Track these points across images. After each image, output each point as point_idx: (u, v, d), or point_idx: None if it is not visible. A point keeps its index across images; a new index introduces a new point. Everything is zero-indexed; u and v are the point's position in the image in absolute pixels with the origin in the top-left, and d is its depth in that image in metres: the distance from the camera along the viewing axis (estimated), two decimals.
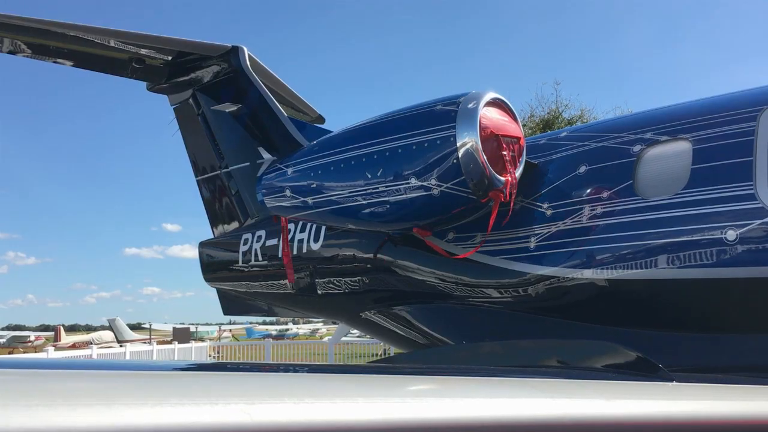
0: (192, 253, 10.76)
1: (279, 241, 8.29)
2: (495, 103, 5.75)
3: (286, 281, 8.12)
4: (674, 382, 3.61)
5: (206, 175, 10.33)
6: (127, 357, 22.49)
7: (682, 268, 4.79)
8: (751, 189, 4.55)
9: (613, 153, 5.50)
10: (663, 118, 5.52)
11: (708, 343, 4.90)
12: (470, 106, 5.51)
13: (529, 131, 23.19)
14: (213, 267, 9.77)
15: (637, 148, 5.35)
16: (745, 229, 4.51)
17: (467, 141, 5.38)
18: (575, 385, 3.45)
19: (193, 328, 65.84)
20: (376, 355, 24.67)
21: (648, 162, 5.28)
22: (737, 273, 4.60)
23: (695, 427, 2.67)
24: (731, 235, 4.55)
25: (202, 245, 9.99)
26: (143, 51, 8.61)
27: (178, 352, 25.56)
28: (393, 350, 12.74)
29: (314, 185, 6.37)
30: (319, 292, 7.84)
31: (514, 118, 5.93)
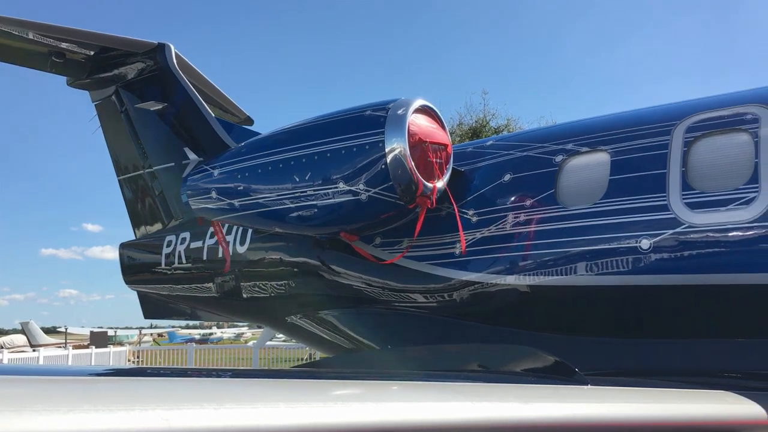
0: (113, 254, 10.41)
1: (204, 243, 8.14)
2: (423, 110, 5.82)
3: (211, 284, 7.98)
4: (589, 386, 3.74)
5: (129, 175, 10.03)
6: (41, 362, 21.53)
7: (600, 275, 4.96)
8: (665, 200, 4.76)
9: (536, 162, 5.66)
10: (584, 129, 5.72)
11: (623, 348, 5.09)
12: (399, 112, 5.56)
13: (458, 139, 23.58)
14: (134, 269, 9.49)
15: (559, 158, 5.52)
16: (658, 238, 4.71)
17: (395, 147, 5.43)
18: (495, 389, 3.52)
19: (111, 332, 63.70)
20: (302, 359, 24.49)
21: (569, 172, 5.45)
22: (651, 280, 4.80)
23: (608, 428, 2.77)
24: (645, 243, 4.75)
25: (123, 246, 9.69)
26: (64, 45, 8.31)
27: (96, 357, 24.62)
28: (319, 355, 12.69)
29: (241, 188, 6.29)
30: (245, 295, 7.72)
31: (442, 126, 6.02)
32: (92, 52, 8.64)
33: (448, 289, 5.78)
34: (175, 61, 8.65)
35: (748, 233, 4.45)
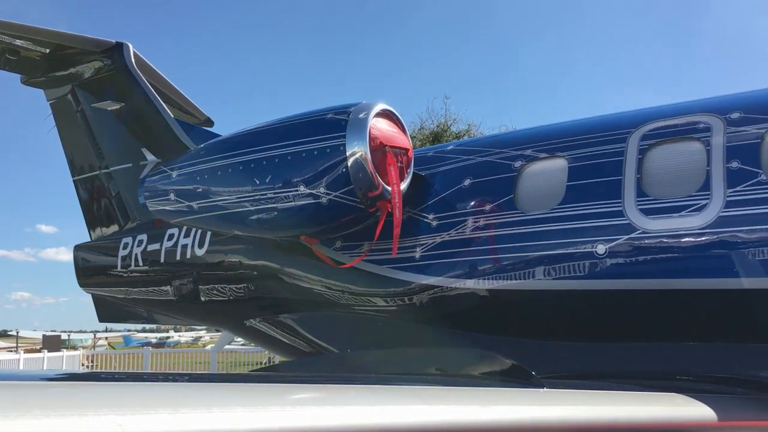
0: (68, 256, 10.19)
1: (161, 245, 8.03)
2: (385, 114, 5.84)
3: (168, 287, 7.88)
4: (545, 389, 3.79)
5: (84, 175, 9.84)
6: None
7: (557, 280, 5.04)
8: (620, 206, 4.86)
9: (495, 168, 5.72)
10: (543, 136, 5.81)
11: (579, 351, 5.18)
12: (360, 116, 5.57)
13: (419, 143, 23.69)
14: (89, 271, 9.30)
15: (518, 163, 5.59)
16: (613, 243, 4.81)
17: (356, 150, 5.44)
18: (453, 392, 3.55)
19: (65, 336, 62.32)
20: (261, 363, 24.30)
21: (528, 177, 5.53)
22: (606, 285, 4.90)
23: (563, 430, 2.82)
24: (601, 249, 4.84)
25: (78, 249, 9.49)
26: (18, 42, 8.12)
27: (48, 361, 24.02)
28: (278, 358, 12.59)
29: (200, 190, 6.22)
30: (203, 299, 7.64)
31: (403, 130, 6.05)
32: (48, 50, 8.46)
33: (407, 293, 5.81)
34: (133, 60, 8.52)
35: (699, 239, 4.57)
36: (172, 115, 8.34)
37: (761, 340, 4.58)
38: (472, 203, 5.66)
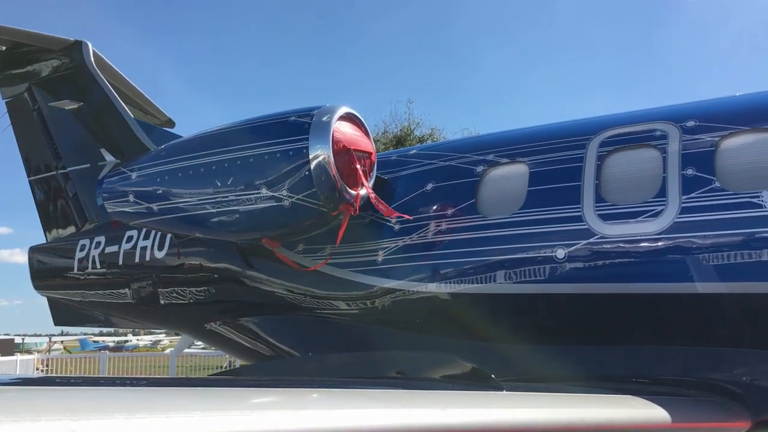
0: (23, 258, 9.94)
1: (120, 247, 7.89)
2: (348, 117, 5.84)
3: (126, 290, 7.75)
4: (504, 391, 3.83)
5: (40, 176, 9.62)
6: None
7: (517, 284, 5.10)
8: (579, 211, 4.95)
9: (458, 172, 5.77)
10: (505, 141, 5.88)
11: (539, 354, 5.24)
12: (324, 119, 5.56)
13: (382, 147, 23.71)
14: (44, 274, 9.09)
15: (480, 168, 5.65)
16: (572, 248, 4.89)
17: (319, 154, 5.43)
18: (413, 396, 3.57)
19: (19, 340, 60.73)
20: (221, 367, 24.02)
21: (489, 182, 5.59)
22: (565, 289, 4.97)
23: None
24: (561, 253, 4.91)
25: (33, 250, 9.27)
26: None
27: (1, 365, 23.41)
28: (239, 362, 12.48)
29: (160, 191, 6.14)
30: (162, 302, 7.53)
31: (367, 134, 6.06)
32: (4, 48, 8.26)
33: (370, 297, 5.81)
34: (92, 59, 8.37)
35: (655, 244, 4.67)
36: (133, 116, 8.21)
37: (714, 343, 4.69)
38: (435, 207, 5.69)
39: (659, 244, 4.66)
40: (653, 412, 3.83)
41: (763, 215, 4.37)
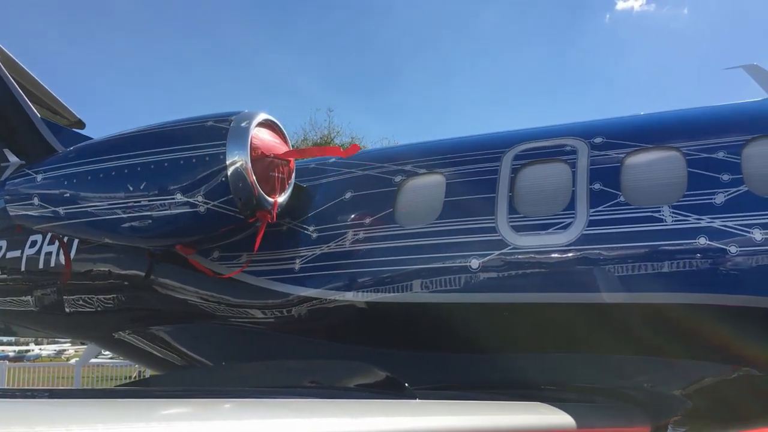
0: None
1: (22, 253, 7.52)
2: (267, 124, 5.80)
3: (29, 297, 7.38)
4: (417, 400, 3.88)
5: None
6: None
7: (433, 293, 5.18)
8: (493, 222, 5.07)
9: (376, 182, 5.81)
10: (423, 152, 5.97)
11: (452, 363, 5.33)
12: (242, 125, 5.50)
13: None
14: None
15: (398, 178, 5.71)
16: (486, 258, 5.01)
17: (237, 160, 5.36)
18: (326, 405, 3.56)
19: None
20: (130, 377, 23.21)
21: (407, 192, 5.66)
22: (479, 298, 5.08)
23: None
24: (475, 263, 5.02)
25: None
26: None
27: None
28: (149, 372, 12.09)
29: (68, 195, 5.90)
30: (67, 310, 7.21)
31: (285, 141, 6.03)
32: None
33: (286, 305, 5.76)
34: None
35: (565, 255, 4.84)
36: (40, 116, 7.85)
37: (618, 351, 4.90)
38: (353, 216, 5.71)
39: (568, 255, 4.83)
40: (560, 418, 3.96)
41: (664, 229, 4.61)
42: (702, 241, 4.47)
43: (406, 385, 4.20)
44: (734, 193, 4.53)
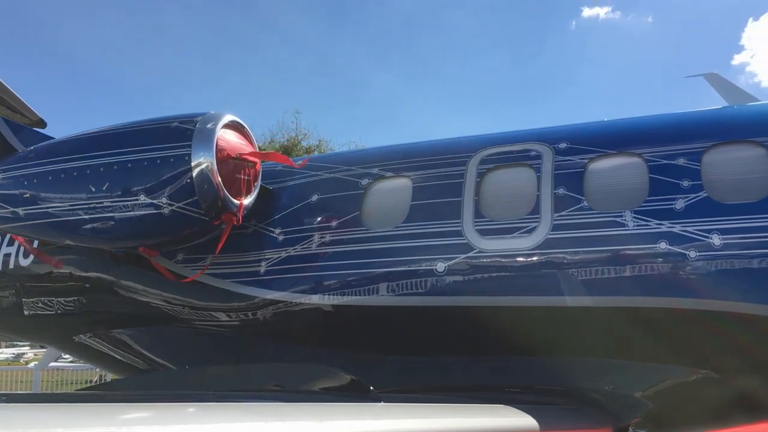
0: None
1: None
2: (233, 125, 5.76)
3: None
4: (382, 403, 3.88)
5: None
6: None
7: (398, 296, 5.19)
8: (459, 226, 5.11)
9: (343, 184, 5.81)
10: (390, 155, 5.98)
11: (417, 366, 5.36)
12: (208, 126, 5.46)
13: None
14: None
15: (364, 181, 5.72)
16: (452, 262, 5.04)
17: (203, 161, 5.32)
18: (290, 408, 3.54)
19: None
20: (91, 381, 22.78)
21: (373, 195, 5.67)
22: (444, 301, 5.11)
23: None
24: (441, 267, 5.05)
25: None
26: None
27: None
28: (110, 376, 11.89)
29: (28, 195, 5.79)
30: (26, 312, 7.06)
31: (252, 143, 5.99)
32: None
33: (251, 308, 5.73)
34: None
35: (530, 259, 4.90)
36: None
37: (580, 353, 4.97)
38: (319, 219, 5.70)
39: (533, 259, 4.89)
40: (523, 421, 4.00)
41: (626, 233, 4.69)
42: (662, 245, 4.57)
43: (371, 388, 4.21)
44: (694, 199, 4.63)
